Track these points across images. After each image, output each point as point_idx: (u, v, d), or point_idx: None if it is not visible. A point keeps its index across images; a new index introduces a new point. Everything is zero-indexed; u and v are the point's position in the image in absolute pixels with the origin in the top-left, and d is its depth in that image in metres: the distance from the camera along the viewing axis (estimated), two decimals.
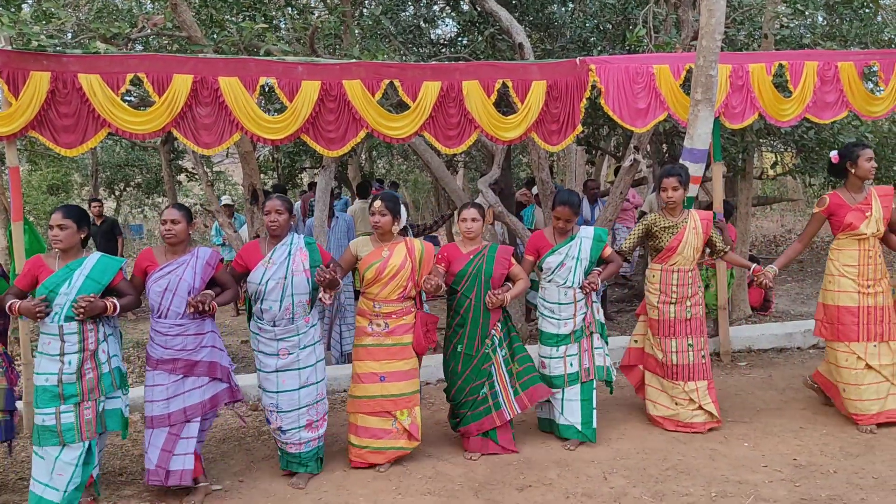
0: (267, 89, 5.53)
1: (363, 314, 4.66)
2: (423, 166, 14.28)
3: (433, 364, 5.98)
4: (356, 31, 7.71)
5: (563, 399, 4.92)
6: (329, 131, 5.35)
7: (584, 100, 5.76)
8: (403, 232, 5.02)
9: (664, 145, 10.03)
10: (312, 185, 11.66)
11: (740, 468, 4.42)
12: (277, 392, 4.47)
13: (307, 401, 4.51)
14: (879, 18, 7.71)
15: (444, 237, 14.16)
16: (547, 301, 4.98)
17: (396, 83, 5.43)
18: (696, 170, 5.62)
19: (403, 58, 8.30)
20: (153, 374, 4.23)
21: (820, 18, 8.71)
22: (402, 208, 4.73)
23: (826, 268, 5.11)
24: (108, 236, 10.41)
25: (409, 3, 9.89)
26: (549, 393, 4.88)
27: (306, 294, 4.47)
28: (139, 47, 7.35)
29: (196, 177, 13.78)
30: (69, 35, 6.08)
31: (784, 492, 4.09)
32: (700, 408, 4.99)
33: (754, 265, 5.22)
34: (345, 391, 5.96)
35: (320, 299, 4.50)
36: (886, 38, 8.03)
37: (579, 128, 5.79)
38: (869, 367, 4.95)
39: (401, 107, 6.26)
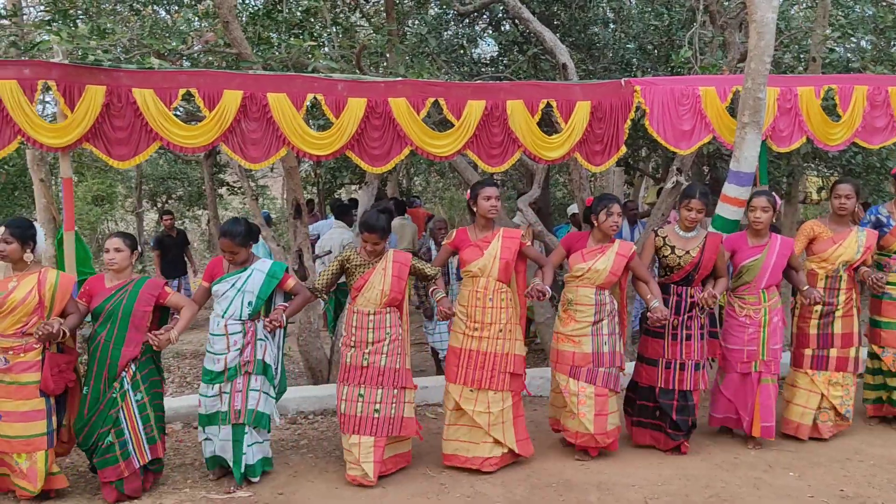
0: (311, 106, 5.58)
1: None
2: (459, 184, 14.28)
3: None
4: (401, 50, 7.77)
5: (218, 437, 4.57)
6: (374, 148, 5.39)
7: (628, 121, 5.74)
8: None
9: (706, 168, 9.95)
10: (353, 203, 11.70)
11: (785, 498, 4.33)
12: None
13: None
14: None
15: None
16: (210, 333, 4.65)
17: (441, 101, 5.45)
18: (741, 193, 5.55)
19: (447, 76, 8.35)
20: None
21: (865, 43, 8.59)
22: (40, 233, 4.40)
23: None
24: (182, 248, 10.87)
25: (452, 23, 9.97)
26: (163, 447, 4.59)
27: None
28: (187, 63, 7.49)
29: (237, 190, 13.96)
30: (120, 49, 6.21)
31: None
32: (358, 463, 4.55)
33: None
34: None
35: None
36: None
37: (623, 149, 5.75)
38: (461, 409, 4.73)
39: (443, 125, 6.29)
